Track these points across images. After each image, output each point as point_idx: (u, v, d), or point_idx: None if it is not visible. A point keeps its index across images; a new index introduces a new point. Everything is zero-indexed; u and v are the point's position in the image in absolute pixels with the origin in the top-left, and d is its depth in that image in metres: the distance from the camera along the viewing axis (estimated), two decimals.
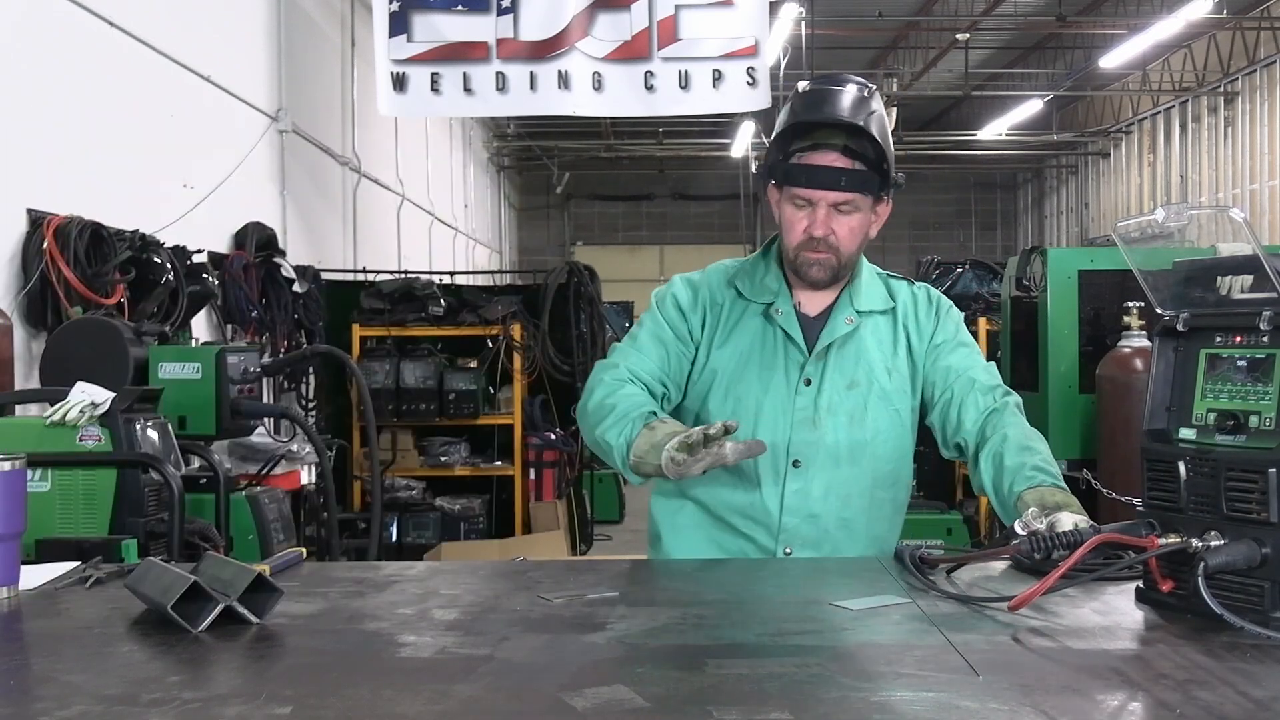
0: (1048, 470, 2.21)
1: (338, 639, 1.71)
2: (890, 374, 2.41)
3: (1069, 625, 1.71)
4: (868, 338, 2.42)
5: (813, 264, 2.36)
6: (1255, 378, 1.71)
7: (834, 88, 2.33)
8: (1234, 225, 2.15)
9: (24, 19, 5.26)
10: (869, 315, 2.43)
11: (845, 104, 2.30)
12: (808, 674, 1.49)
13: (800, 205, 2.34)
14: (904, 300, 2.48)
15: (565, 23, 7.85)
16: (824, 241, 2.33)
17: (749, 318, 2.43)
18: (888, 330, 2.45)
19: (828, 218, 2.32)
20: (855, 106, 2.30)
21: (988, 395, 2.39)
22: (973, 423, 2.37)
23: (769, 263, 2.46)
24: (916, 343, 2.45)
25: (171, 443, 3.61)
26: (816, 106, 2.31)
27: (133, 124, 6.26)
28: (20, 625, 1.85)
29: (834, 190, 2.31)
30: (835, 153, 2.30)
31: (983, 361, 2.47)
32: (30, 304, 5.01)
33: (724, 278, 2.48)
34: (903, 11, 17.04)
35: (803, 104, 2.32)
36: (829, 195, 2.31)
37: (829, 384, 2.37)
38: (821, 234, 2.33)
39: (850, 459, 2.37)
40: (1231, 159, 17.39)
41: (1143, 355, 5.31)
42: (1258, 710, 1.34)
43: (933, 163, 25.37)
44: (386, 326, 8.40)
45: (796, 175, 2.32)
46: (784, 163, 2.34)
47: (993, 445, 2.31)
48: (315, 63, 9.79)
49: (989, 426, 2.35)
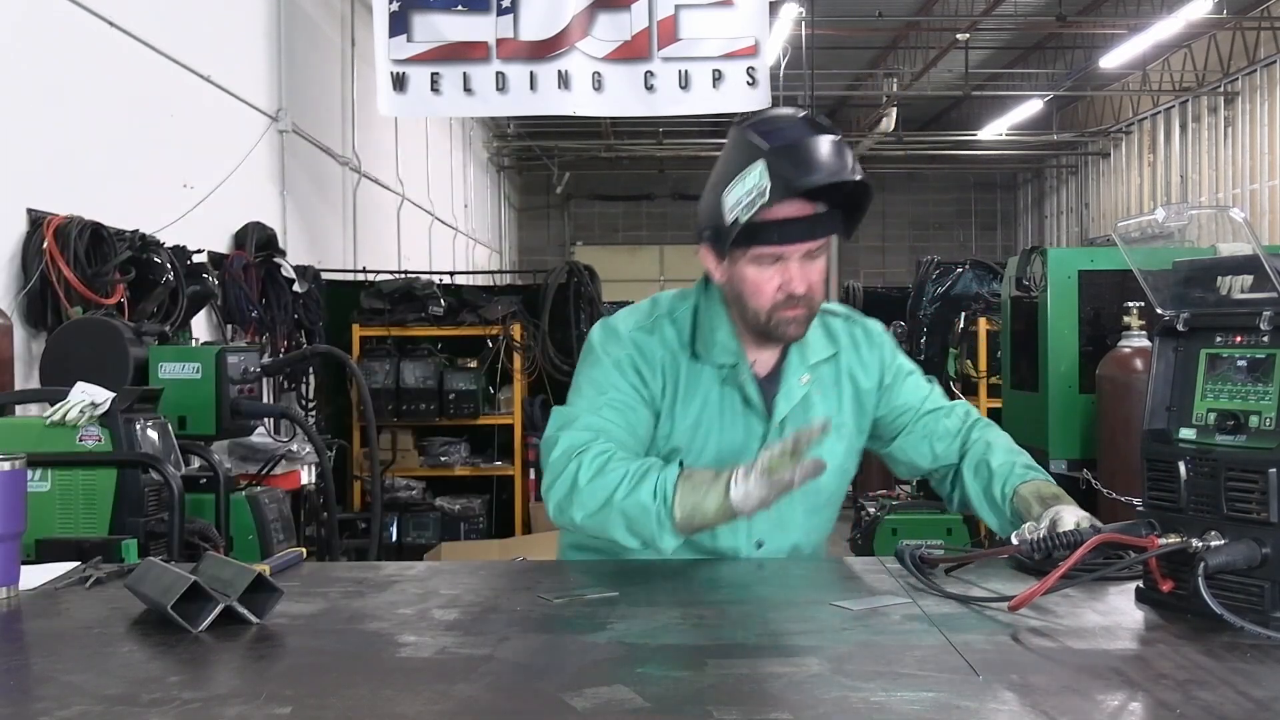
0: (1037, 469, 2.21)
1: (338, 639, 1.71)
2: (840, 426, 2.28)
3: (1069, 625, 1.71)
4: (813, 395, 2.27)
5: (790, 322, 2.15)
6: (1255, 378, 1.71)
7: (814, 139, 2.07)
8: (1234, 225, 2.15)
9: (24, 19, 5.26)
10: (815, 367, 2.28)
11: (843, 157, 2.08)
12: (808, 674, 1.49)
13: (767, 262, 2.11)
14: (844, 343, 2.33)
15: (565, 23, 7.85)
16: (804, 298, 2.14)
17: (705, 381, 2.22)
18: (832, 379, 2.30)
19: (803, 271, 2.12)
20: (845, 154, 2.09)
21: (952, 416, 2.36)
22: (947, 445, 2.33)
23: (717, 318, 2.23)
24: (865, 384, 2.33)
25: (171, 443, 3.61)
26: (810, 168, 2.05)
27: (133, 124, 6.26)
28: (20, 625, 1.85)
29: (810, 240, 2.11)
30: (798, 202, 2.08)
31: (925, 380, 2.41)
32: (30, 304, 5.01)
33: (676, 336, 2.24)
34: (903, 11, 17.03)
35: (793, 168, 2.04)
36: (802, 247, 2.11)
37: None
38: (803, 290, 2.12)
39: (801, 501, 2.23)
40: (1231, 159, 17.39)
41: (1143, 355, 5.31)
42: (1258, 710, 1.34)
43: (933, 163, 25.39)
44: (386, 326, 8.40)
45: (768, 233, 2.08)
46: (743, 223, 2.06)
47: (975, 454, 2.28)
48: (315, 63, 9.79)
49: (967, 440, 2.32)
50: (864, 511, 8.44)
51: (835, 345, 2.32)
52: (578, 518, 2.09)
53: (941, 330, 8.93)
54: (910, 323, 9.53)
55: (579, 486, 2.06)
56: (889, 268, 25.76)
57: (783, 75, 15.00)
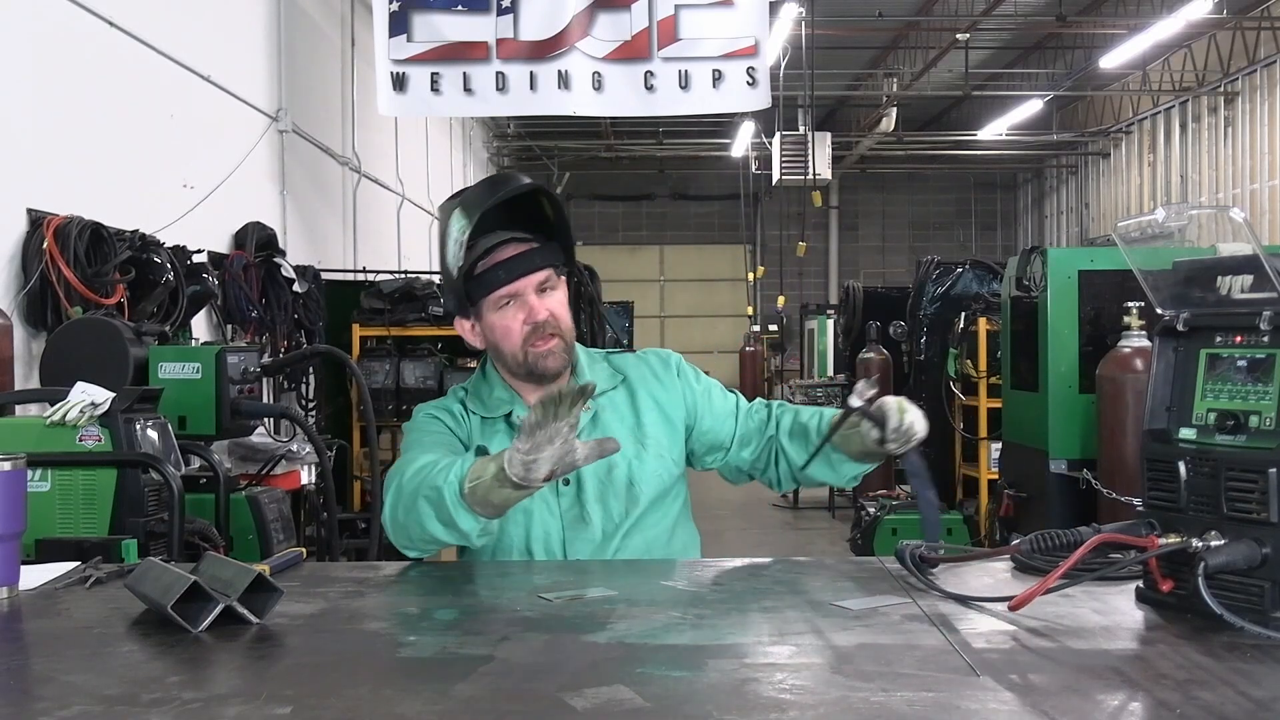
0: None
1: (338, 639, 1.71)
2: (644, 440, 2.37)
3: (1069, 625, 1.71)
4: (608, 418, 2.36)
5: (546, 354, 2.30)
6: (1255, 378, 1.71)
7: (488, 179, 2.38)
8: (1234, 225, 2.14)
9: (24, 19, 5.26)
10: (599, 396, 2.35)
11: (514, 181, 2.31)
12: (808, 674, 1.49)
13: (506, 305, 2.29)
14: (633, 372, 2.44)
15: (565, 23, 7.85)
16: (548, 324, 2.29)
17: (493, 434, 2.35)
18: (626, 403, 2.40)
19: (540, 302, 2.29)
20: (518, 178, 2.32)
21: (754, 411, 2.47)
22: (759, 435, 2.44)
23: (490, 378, 2.41)
24: (668, 401, 2.41)
25: (171, 443, 3.61)
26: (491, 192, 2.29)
27: (133, 124, 6.26)
28: (20, 625, 1.85)
29: (534, 272, 2.28)
30: (512, 244, 2.29)
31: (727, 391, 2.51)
32: (30, 304, 5.01)
33: (460, 407, 2.40)
34: (903, 11, 17.06)
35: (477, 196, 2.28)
36: (531, 280, 2.28)
37: (588, 475, 2.30)
38: (544, 317, 2.29)
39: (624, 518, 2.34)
40: (1231, 159, 17.40)
41: (1143, 355, 5.31)
42: (1258, 710, 1.34)
43: (933, 163, 25.40)
44: (386, 326, 8.39)
45: (493, 278, 2.28)
46: (472, 280, 2.28)
47: (785, 424, 2.41)
48: (315, 63, 9.80)
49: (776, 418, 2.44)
50: (864, 511, 8.45)
51: (621, 375, 2.43)
52: (400, 518, 2.12)
53: (941, 330, 8.93)
54: (910, 323, 9.54)
55: (401, 490, 2.12)
56: (889, 268, 25.78)
57: (783, 75, 14.99)
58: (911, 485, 2.11)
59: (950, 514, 8.18)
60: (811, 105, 15.83)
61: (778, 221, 23.13)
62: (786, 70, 15.23)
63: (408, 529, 2.12)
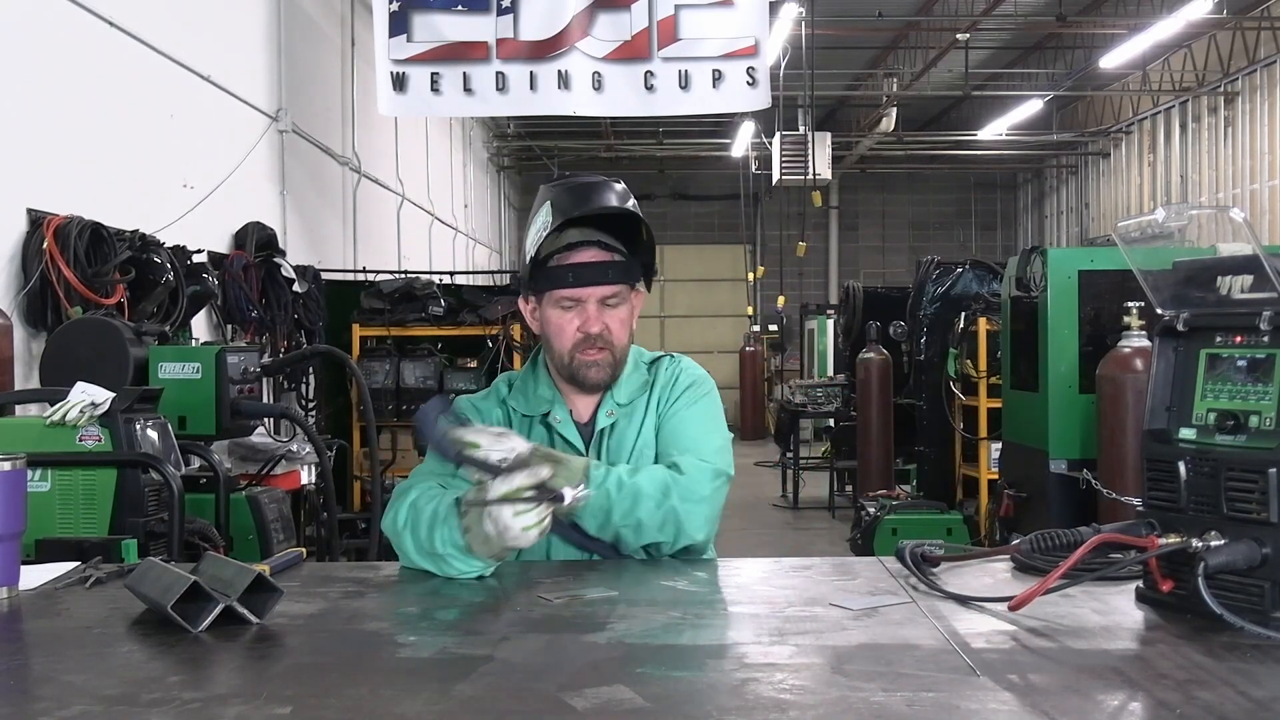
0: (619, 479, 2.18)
1: (338, 639, 1.71)
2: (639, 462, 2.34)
3: (1069, 625, 1.71)
4: (625, 426, 2.37)
5: (590, 365, 2.31)
6: (1255, 378, 1.71)
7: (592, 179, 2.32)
8: (1234, 225, 2.14)
9: (24, 19, 5.26)
10: (624, 405, 2.37)
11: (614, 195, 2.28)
12: (808, 674, 1.49)
13: (567, 307, 2.30)
14: (657, 380, 2.42)
15: (565, 23, 7.86)
16: (600, 338, 2.29)
17: (534, 433, 2.35)
18: (642, 409, 2.40)
19: (599, 314, 2.29)
20: (622, 197, 2.29)
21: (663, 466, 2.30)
22: None
23: (539, 374, 2.41)
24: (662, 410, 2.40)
25: (171, 443, 3.61)
26: (587, 200, 2.26)
27: (133, 124, 6.26)
28: (20, 625, 1.85)
29: (602, 285, 2.29)
30: (593, 249, 2.29)
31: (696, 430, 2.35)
32: (30, 304, 5.01)
33: (497, 399, 2.41)
34: (903, 11, 17.04)
35: (571, 200, 2.25)
36: (597, 291, 2.28)
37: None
38: (597, 330, 2.29)
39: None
40: (1231, 159, 17.39)
41: (1143, 355, 5.31)
42: (1258, 710, 1.34)
43: (933, 163, 25.38)
44: (386, 326, 8.40)
45: (561, 277, 2.28)
46: (543, 269, 2.29)
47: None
48: (315, 63, 9.80)
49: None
50: (864, 511, 8.45)
51: (650, 382, 2.42)
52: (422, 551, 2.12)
53: (941, 330, 8.93)
54: (910, 323, 9.54)
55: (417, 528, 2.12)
56: (889, 268, 25.76)
57: (783, 75, 14.99)
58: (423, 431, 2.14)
59: (950, 514, 8.19)
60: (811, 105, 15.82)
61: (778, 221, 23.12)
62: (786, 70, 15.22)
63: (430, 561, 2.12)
